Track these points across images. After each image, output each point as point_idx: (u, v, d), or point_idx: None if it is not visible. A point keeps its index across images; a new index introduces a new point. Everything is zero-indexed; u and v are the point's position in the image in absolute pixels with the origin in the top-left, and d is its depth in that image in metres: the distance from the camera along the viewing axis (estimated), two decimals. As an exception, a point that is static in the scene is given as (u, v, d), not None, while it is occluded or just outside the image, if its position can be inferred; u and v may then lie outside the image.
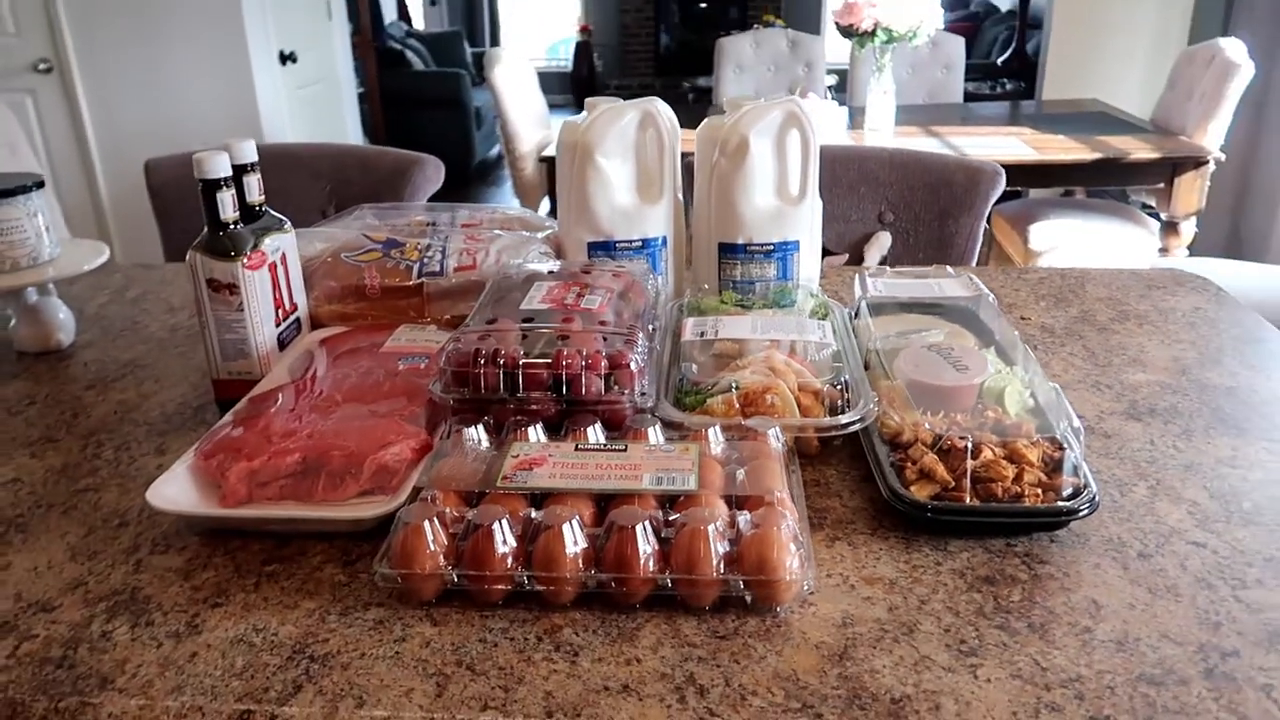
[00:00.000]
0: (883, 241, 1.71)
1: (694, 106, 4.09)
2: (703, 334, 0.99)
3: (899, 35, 3.24)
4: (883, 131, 3.42)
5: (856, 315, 1.08)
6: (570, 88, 8.84)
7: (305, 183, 1.84)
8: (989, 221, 3.61)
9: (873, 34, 3.24)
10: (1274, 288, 2.55)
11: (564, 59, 9.38)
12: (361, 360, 1.01)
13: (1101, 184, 3.49)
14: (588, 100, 1.16)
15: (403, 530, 0.70)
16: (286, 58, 4.04)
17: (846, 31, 3.34)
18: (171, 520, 0.83)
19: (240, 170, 1.01)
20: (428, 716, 0.61)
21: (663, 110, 1.14)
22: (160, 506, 0.79)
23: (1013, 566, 0.74)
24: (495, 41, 9.20)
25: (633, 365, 0.86)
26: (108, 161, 3.79)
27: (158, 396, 1.08)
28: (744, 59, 4.16)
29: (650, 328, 0.99)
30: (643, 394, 0.86)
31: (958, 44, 4.09)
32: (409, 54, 6.42)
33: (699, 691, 0.62)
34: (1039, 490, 0.77)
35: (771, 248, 1.14)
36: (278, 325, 1.04)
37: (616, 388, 0.87)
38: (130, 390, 1.10)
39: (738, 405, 0.87)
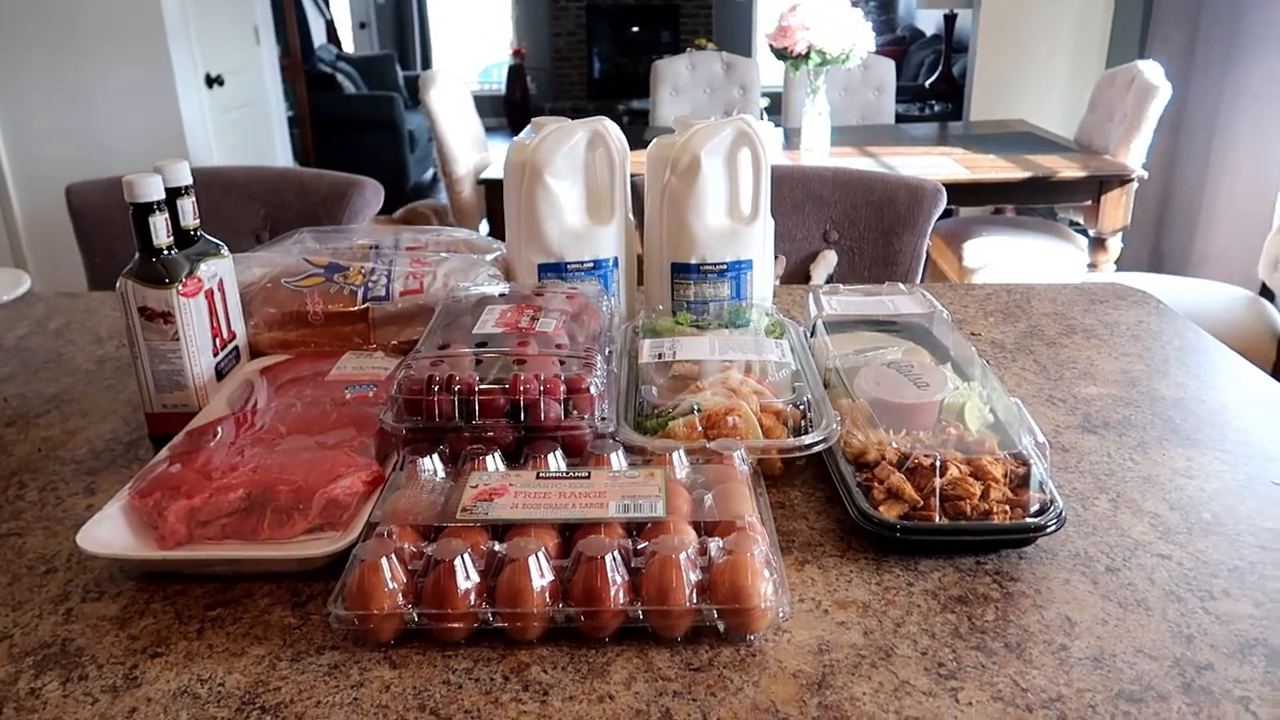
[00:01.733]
0: (829, 260, 1.71)
1: (630, 128, 4.09)
2: (660, 355, 0.97)
3: (832, 58, 3.28)
4: (818, 152, 3.45)
5: (813, 334, 1.08)
6: (504, 111, 8.80)
7: (239, 206, 1.78)
8: (923, 239, 3.66)
9: (806, 56, 3.28)
10: (1196, 302, 2.63)
11: (497, 82, 9.34)
12: (305, 389, 0.97)
13: (1030, 202, 3.58)
14: (535, 120, 1.14)
15: (359, 568, 0.66)
16: (213, 81, 3.94)
17: (780, 54, 3.38)
18: (104, 565, 0.77)
19: (174, 193, 0.96)
20: (391, 767, 0.57)
21: (612, 130, 1.13)
22: (92, 550, 0.74)
23: (984, 585, 0.73)
24: (427, 65, 9.13)
25: (592, 389, 0.84)
26: (23, 188, 3.64)
27: (85, 433, 1.02)
28: (680, 81, 4.18)
29: (607, 350, 0.97)
30: (603, 418, 0.84)
31: (888, 66, 4.17)
32: (340, 77, 6.32)
33: (676, 728, 0.60)
34: (1006, 507, 0.77)
35: (725, 267, 1.13)
36: (215, 355, 1.00)
37: (576, 413, 0.85)
38: (55, 426, 1.03)
39: (700, 428, 0.85)
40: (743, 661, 0.65)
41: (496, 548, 0.68)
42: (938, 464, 0.77)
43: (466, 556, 0.66)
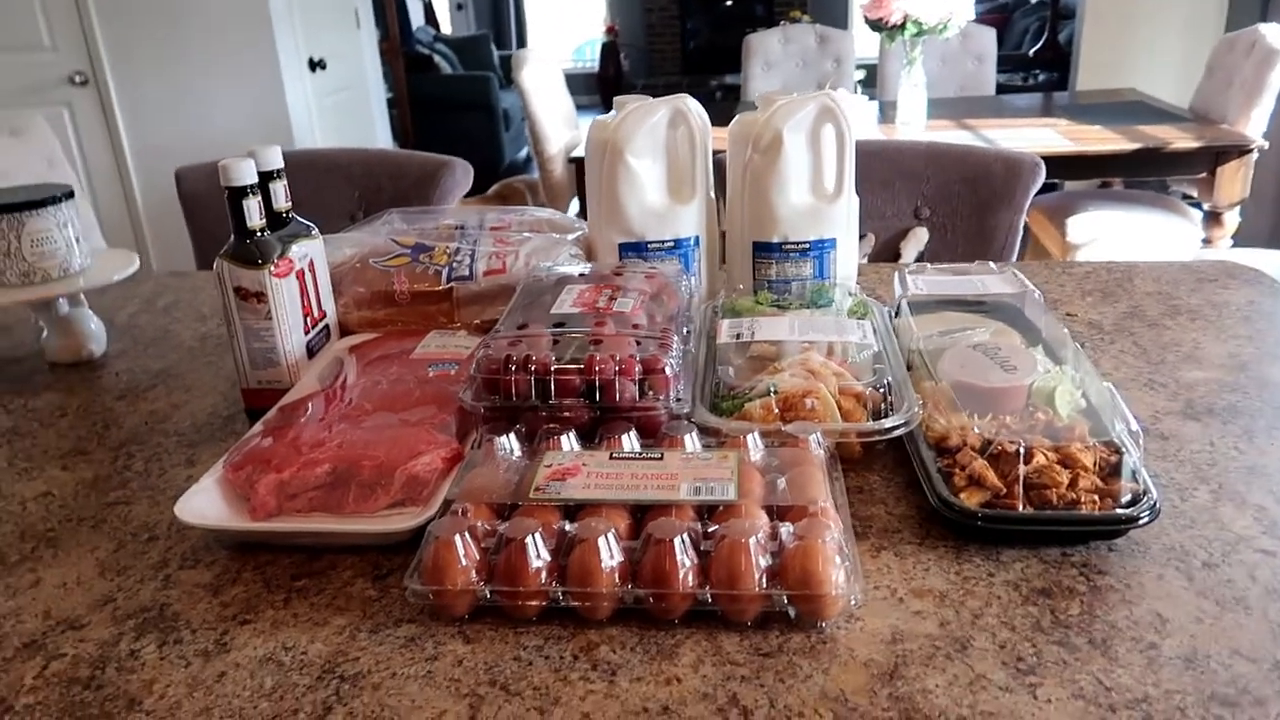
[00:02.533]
0: (920, 237, 1.66)
1: (722, 104, 4.06)
2: (739, 336, 0.96)
3: (929, 28, 3.18)
4: (914, 126, 3.36)
5: (897, 314, 1.05)
6: (597, 88, 8.82)
7: (336, 188, 1.83)
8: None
9: (902, 27, 3.19)
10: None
11: (590, 60, 9.37)
12: (391, 367, 0.99)
13: (1140, 175, 3.41)
14: (616, 99, 1.14)
15: (433, 545, 0.68)
16: (316, 65, 4.06)
17: (875, 25, 3.30)
18: (200, 534, 0.81)
19: (266, 177, 1.00)
20: (462, 740, 0.59)
21: (693, 107, 1.11)
22: (188, 520, 0.77)
23: (1070, 577, 0.71)
24: (522, 44, 9.21)
25: (668, 370, 0.83)
26: (142, 171, 3.83)
27: (188, 406, 1.07)
28: (772, 55, 4.11)
29: (684, 330, 0.97)
30: (678, 399, 0.84)
31: (989, 35, 4.02)
32: (437, 58, 6.43)
33: (743, 713, 0.59)
34: (1095, 497, 0.74)
35: (808, 246, 1.11)
36: (306, 333, 1.03)
37: (651, 393, 0.85)
38: (161, 400, 1.09)
39: (776, 410, 0.84)
40: (813, 649, 0.65)
41: (568, 527, 0.68)
42: (1022, 451, 0.74)
43: (538, 535, 0.67)
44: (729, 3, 8.92)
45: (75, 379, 1.16)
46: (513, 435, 0.81)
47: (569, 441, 0.80)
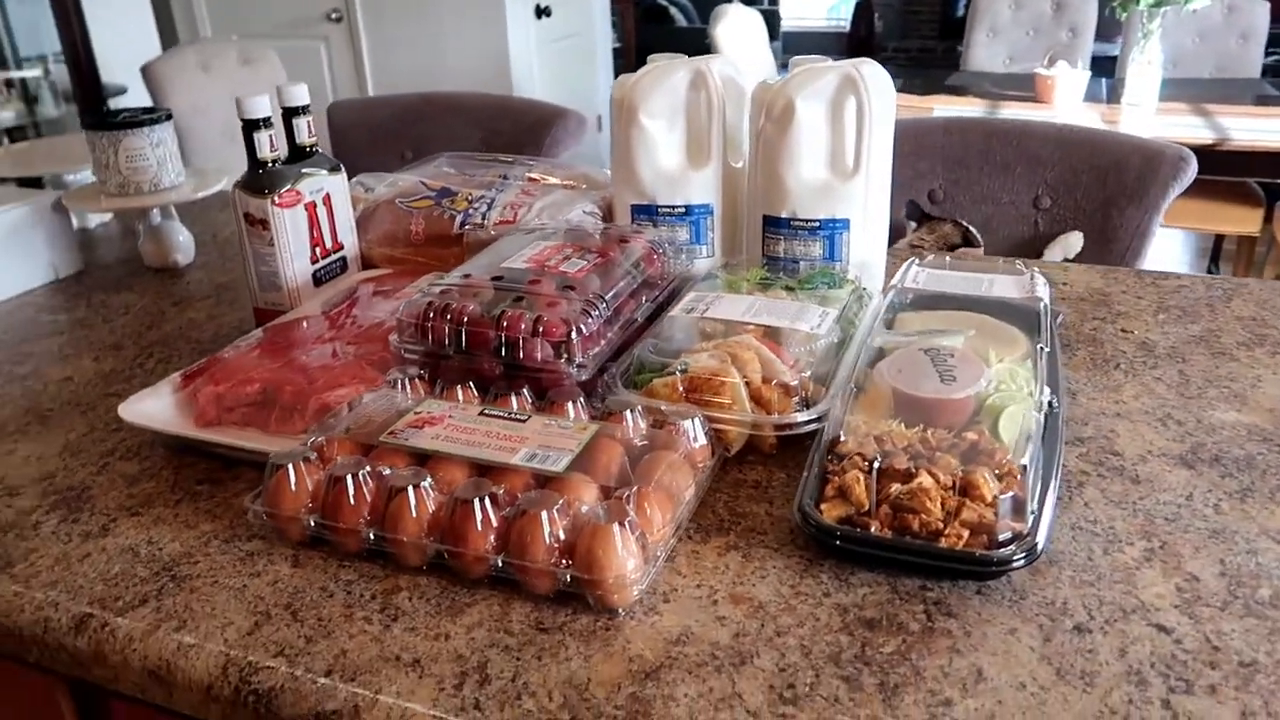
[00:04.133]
0: (1071, 243, 1.49)
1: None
2: (692, 310, 0.92)
3: (1170, -2, 2.83)
4: (1143, 107, 3.02)
5: (892, 307, 0.97)
6: (848, 48, 8.52)
7: (462, 130, 1.91)
8: (1269, 219, 3.09)
9: (1137, -4, 2.85)
10: None
11: (843, 19, 9.05)
12: (374, 302, 1.04)
13: None
14: (650, 56, 1.11)
15: (274, 472, 0.72)
16: (541, 11, 4.20)
17: (1108, -8, 2.97)
18: (151, 432, 0.89)
19: (291, 113, 1.06)
20: (224, 653, 0.62)
21: (716, 70, 1.07)
22: (125, 417, 0.86)
23: (910, 613, 0.64)
24: (774, 1, 9.04)
25: (573, 335, 0.82)
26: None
27: (222, 319, 1.17)
28: (999, 21, 3.81)
29: (644, 300, 0.95)
30: (580, 365, 0.83)
31: (1260, 10, 3.50)
32: (673, 10, 6.47)
33: (481, 681, 0.59)
34: (965, 531, 0.66)
35: (817, 224, 1.04)
36: (314, 262, 1.10)
37: (566, 356, 0.84)
38: (203, 310, 1.20)
39: (681, 390, 0.81)
40: (591, 634, 0.63)
41: (385, 472, 0.70)
42: (876, 468, 0.67)
43: (362, 475, 0.69)
44: (998, -37, 8.28)
45: (154, 283, 1.30)
46: (415, 380, 0.83)
47: (462, 392, 0.81)
